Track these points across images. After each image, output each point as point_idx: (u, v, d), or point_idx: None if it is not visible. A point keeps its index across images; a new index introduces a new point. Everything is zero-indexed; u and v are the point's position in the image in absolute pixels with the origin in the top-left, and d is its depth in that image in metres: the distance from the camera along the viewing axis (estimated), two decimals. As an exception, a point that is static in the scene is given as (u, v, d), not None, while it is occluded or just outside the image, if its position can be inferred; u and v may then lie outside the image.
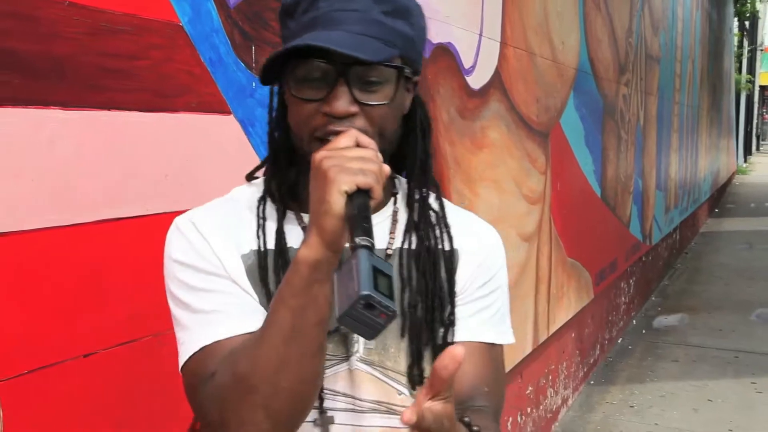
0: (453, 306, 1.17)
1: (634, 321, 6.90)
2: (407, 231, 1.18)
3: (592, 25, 5.09)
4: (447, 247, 1.19)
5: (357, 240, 0.87)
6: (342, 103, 1.03)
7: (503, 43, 3.54)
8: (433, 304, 1.14)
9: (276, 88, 1.16)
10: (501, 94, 3.53)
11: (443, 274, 1.17)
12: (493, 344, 1.20)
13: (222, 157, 1.83)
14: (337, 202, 0.91)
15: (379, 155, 0.98)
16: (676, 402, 4.96)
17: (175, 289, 1.11)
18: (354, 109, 1.04)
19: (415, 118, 1.18)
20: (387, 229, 1.18)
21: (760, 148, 39.56)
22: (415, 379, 1.13)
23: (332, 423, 1.10)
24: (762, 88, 33.95)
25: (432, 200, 1.22)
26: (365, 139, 0.98)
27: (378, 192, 0.94)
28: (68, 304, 1.46)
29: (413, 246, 1.17)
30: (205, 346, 1.05)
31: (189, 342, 1.08)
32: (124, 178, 1.57)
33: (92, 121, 1.49)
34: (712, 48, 13.66)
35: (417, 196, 1.19)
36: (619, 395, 5.11)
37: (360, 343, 1.12)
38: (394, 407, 1.12)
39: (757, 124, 36.04)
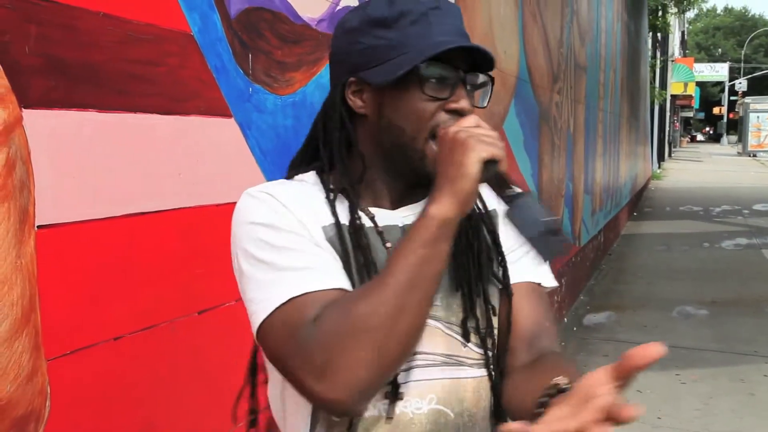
0: (503, 260, 1.26)
1: (566, 319, 7.19)
2: None
3: (530, 35, 5.35)
4: (483, 210, 1.29)
5: (514, 190, 1.07)
6: (466, 103, 1.17)
7: (455, 53, 3.74)
8: (479, 261, 1.24)
9: (339, 95, 1.22)
10: (454, 100, 3.73)
11: (485, 233, 1.27)
12: (540, 284, 1.30)
13: (224, 157, 1.96)
14: (475, 166, 1.05)
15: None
16: (608, 393, 5.23)
17: (255, 249, 1.13)
18: (471, 109, 1.18)
19: None
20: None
21: (673, 155, 41.07)
22: (469, 330, 1.22)
23: (401, 399, 1.17)
24: (673, 97, 35.25)
25: None
26: (484, 123, 1.13)
27: (505, 164, 1.09)
28: (100, 291, 1.58)
29: None
30: (296, 297, 1.08)
31: (272, 297, 1.09)
32: (146, 176, 1.70)
33: (121, 123, 1.62)
34: (630, 58, 14.22)
35: None
36: (556, 388, 5.37)
37: None
38: (461, 359, 1.21)
39: (670, 131, 37.42)
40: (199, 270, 1.86)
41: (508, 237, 1.27)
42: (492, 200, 1.29)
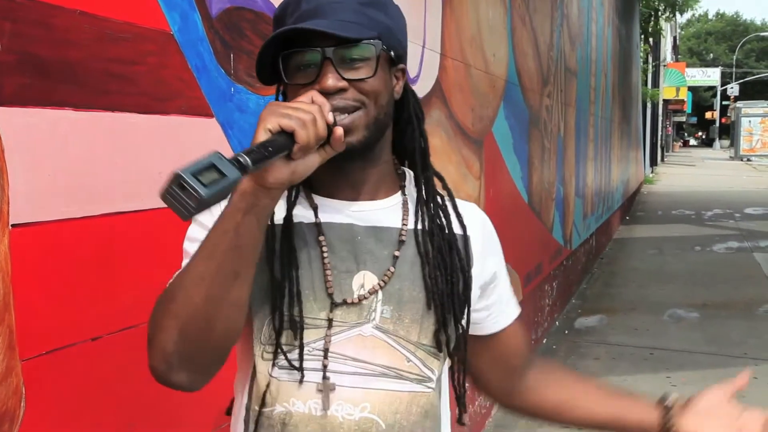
0: (469, 282, 1.30)
1: (557, 322, 7.20)
2: (418, 211, 1.29)
3: (519, 39, 5.35)
4: (460, 232, 1.31)
5: (239, 154, 0.95)
6: (331, 80, 1.14)
7: (443, 55, 3.74)
8: (451, 279, 1.26)
9: (282, 89, 1.27)
10: (441, 103, 3.73)
11: (458, 253, 1.28)
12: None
13: (206, 157, 1.95)
14: (261, 137, 1.02)
15: (329, 115, 1.08)
16: (599, 396, 5.23)
17: (185, 243, 1.25)
18: (342, 84, 1.15)
19: (408, 106, 1.30)
20: (399, 214, 1.29)
21: (665, 159, 41.17)
22: (441, 344, 1.25)
23: (332, 390, 1.19)
24: (665, 101, 35.32)
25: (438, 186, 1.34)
26: (319, 98, 1.10)
27: (302, 136, 1.02)
28: (78, 291, 1.56)
29: (426, 226, 1.28)
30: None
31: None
32: (125, 175, 1.68)
33: (98, 122, 1.60)
34: (621, 63, 14.26)
35: (422, 178, 1.30)
36: (547, 391, 5.37)
37: (377, 312, 1.22)
38: (402, 372, 1.23)
39: (662, 136, 37.50)
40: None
41: (482, 265, 1.36)
42: (475, 227, 1.35)
